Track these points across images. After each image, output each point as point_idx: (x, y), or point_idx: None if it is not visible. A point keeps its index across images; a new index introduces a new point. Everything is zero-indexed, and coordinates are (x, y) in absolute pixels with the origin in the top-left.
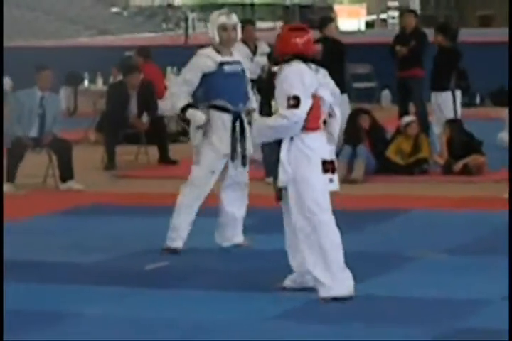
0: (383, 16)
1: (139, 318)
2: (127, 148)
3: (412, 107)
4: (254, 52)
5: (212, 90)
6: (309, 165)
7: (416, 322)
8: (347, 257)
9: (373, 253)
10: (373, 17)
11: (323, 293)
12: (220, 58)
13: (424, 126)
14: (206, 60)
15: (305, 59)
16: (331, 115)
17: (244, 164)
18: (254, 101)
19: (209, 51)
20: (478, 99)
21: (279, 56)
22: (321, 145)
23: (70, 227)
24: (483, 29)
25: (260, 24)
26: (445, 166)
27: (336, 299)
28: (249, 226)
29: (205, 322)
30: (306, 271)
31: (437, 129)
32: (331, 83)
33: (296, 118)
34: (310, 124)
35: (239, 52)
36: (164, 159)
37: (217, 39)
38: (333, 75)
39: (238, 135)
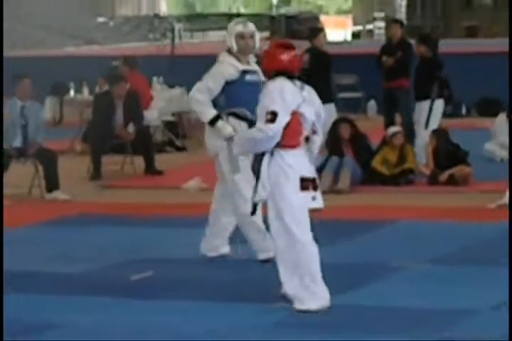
0: (369, 27)
1: (125, 329)
2: (113, 158)
3: (398, 118)
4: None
5: (233, 98)
6: (287, 182)
7: (401, 332)
8: (332, 267)
9: (359, 264)
10: (359, 28)
11: (298, 305)
12: (241, 67)
13: (410, 136)
14: (229, 68)
15: (290, 75)
16: (314, 132)
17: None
18: None
19: (231, 59)
20: (464, 110)
21: (266, 72)
22: (300, 163)
23: (56, 237)
24: (470, 39)
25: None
26: (431, 176)
27: (310, 312)
28: (236, 235)
29: (191, 333)
30: None
31: (419, 139)
32: (317, 101)
33: (271, 132)
34: (290, 141)
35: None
36: (150, 169)
37: (235, 47)
38: (320, 85)
39: None
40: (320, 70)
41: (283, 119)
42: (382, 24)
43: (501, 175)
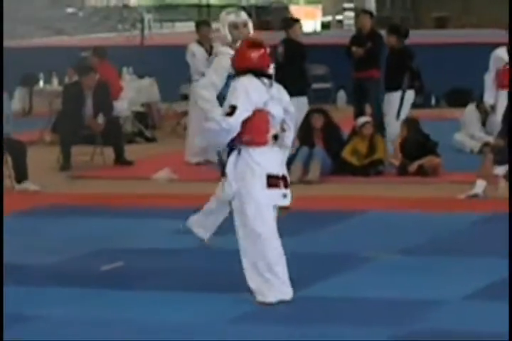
0: (339, 17)
1: (96, 320)
2: (83, 149)
3: (368, 108)
4: (209, 52)
5: None
6: (253, 180)
7: (371, 323)
8: (302, 258)
9: (329, 254)
10: (329, 18)
11: (259, 298)
12: None
13: (380, 127)
14: (229, 61)
15: (259, 73)
16: (284, 130)
17: None
18: None
19: (229, 50)
20: (433, 100)
21: (236, 69)
22: (269, 160)
23: (26, 228)
24: (439, 30)
25: (216, 25)
26: (400, 167)
27: (271, 304)
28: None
29: (164, 323)
30: None
31: (391, 130)
32: (286, 98)
33: (226, 125)
34: (257, 139)
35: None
36: (120, 160)
37: (229, 37)
38: (294, 78)
39: None
40: (294, 62)
41: (241, 114)
42: (351, 15)
43: (470, 166)
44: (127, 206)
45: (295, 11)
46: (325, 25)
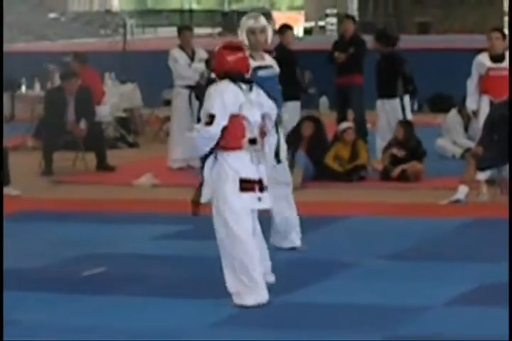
0: (321, 23)
1: (78, 325)
2: (65, 154)
3: (350, 114)
4: (192, 58)
5: None
6: (227, 183)
7: (354, 329)
8: (284, 264)
9: (311, 260)
10: (312, 24)
11: (236, 300)
12: (254, 63)
13: (362, 132)
14: None
15: (238, 77)
16: (265, 134)
17: (278, 162)
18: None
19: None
20: (415, 106)
21: (215, 73)
22: (244, 164)
23: (7, 233)
24: (421, 36)
25: (198, 30)
26: (383, 172)
27: (247, 307)
28: (188, 232)
29: (143, 329)
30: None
31: (380, 136)
32: (267, 103)
33: (206, 134)
34: (232, 143)
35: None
36: (102, 165)
37: (246, 42)
38: (286, 84)
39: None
40: (286, 69)
41: (220, 122)
42: (334, 20)
43: (453, 172)
44: (109, 211)
45: (277, 16)
46: (307, 31)
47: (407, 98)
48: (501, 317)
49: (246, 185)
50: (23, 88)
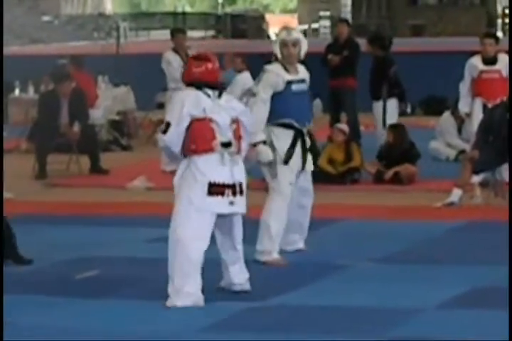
0: (315, 26)
1: (70, 328)
2: (58, 157)
3: (343, 116)
4: (185, 61)
5: (280, 109)
6: (194, 187)
7: (346, 331)
8: (277, 266)
9: (304, 262)
10: (305, 26)
11: (168, 302)
12: (287, 77)
13: (356, 135)
14: (277, 79)
15: (203, 85)
16: (240, 138)
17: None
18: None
19: (278, 68)
20: (409, 108)
21: (183, 82)
22: (212, 168)
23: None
24: (415, 38)
25: (192, 33)
26: (376, 175)
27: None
28: None
29: (135, 332)
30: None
31: (378, 138)
32: (239, 108)
33: (162, 142)
34: (200, 147)
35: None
36: (95, 168)
37: (279, 55)
38: None
39: (300, 148)
40: None
41: (174, 129)
42: (327, 23)
43: (446, 174)
44: (103, 214)
45: (270, 19)
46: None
47: (392, 101)
48: (493, 319)
49: (215, 189)
50: (17, 91)
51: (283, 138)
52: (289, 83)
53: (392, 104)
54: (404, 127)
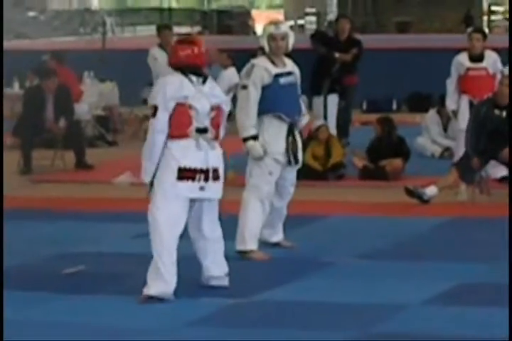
0: (301, 22)
1: (55, 323)
2: (44, 153)
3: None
4: None
5: (268, 103)
6: (166, 171)
7: (331, 327)
8: (263, 262)
9: (290, 259)
10: (291, 23)
11: (145, 290)
12: (275, 70)
13: (345, 132)
14: (264, 73)
15: (188, 70)
16: (218, 125)
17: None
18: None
19: (265, 62)
20: (394, 105)
21: (170, 66)
22: (186, 153)
23: None
24: (400, 35)
25: (178, 29)
26: (362, 171)
27: (151, 298)
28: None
29: (122, 327)
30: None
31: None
32: (221, 97)
33: (155, 124)
34: (175, 132)
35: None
36: (81, 164)
37: (267, 49)
38: None
39: (291, 142)
40: None
41: (162, 113)
42: (313, 19)
43: (432, 170)
44: (88, 210)
45: (257, 15)
46: None
47: (333, 97)
48: (478, 315)
49: (185, 173)
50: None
51: (272, 130)
52: (277, 76)
53: (333, 99)
54: (391, 120)
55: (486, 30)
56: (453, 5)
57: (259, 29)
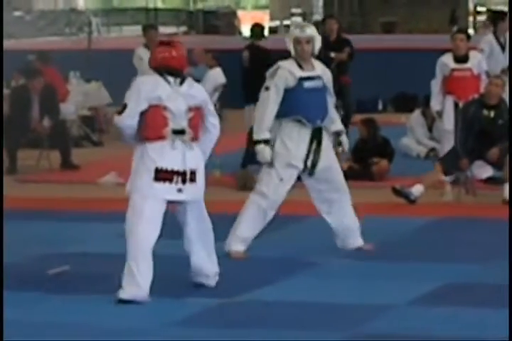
0: (287, 22)
1: (41, 323)
2: (29, 153)
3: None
4: None
5: (289, 106)
6: (142, 173)
7: (317, 327)
8: (248, 262)
9: (275, 259)
10: (277, 23)
11: (119, 294)
12: (300, 73)
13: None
14: (288, 76)
15: (166, 71)
16: (196, 126)
17: (310, 174)
18: (339, 121)
19: (291, 65)
20: (380, 105)
21: (150, 67)
22: (162, 155)
23: None
24: (386, 35)
25: (164, 29)
26: (348, 171)
27: (123, 301)
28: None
29: (109, 327)
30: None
31: None
32: (201, 97)
33: (117, 122)
34: (151, 133)
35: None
36: (66, 164)
37: (292, 52)
38: (258, 84)
39: (314, 149)
40: (259, 68)
41: (130, 111)
42: (299, 19)
43: (417, 171)
44: (74, 210)
45: (242, 15)
46: (272, 31)
47: None
48: (464, 316)
49: (162, 175)
50: None
51: (294, 135)
52: (301, 80)
53: None
54: (375, 121)
55: (472, 30)
56: (438, 5)
57: (244, 29)
